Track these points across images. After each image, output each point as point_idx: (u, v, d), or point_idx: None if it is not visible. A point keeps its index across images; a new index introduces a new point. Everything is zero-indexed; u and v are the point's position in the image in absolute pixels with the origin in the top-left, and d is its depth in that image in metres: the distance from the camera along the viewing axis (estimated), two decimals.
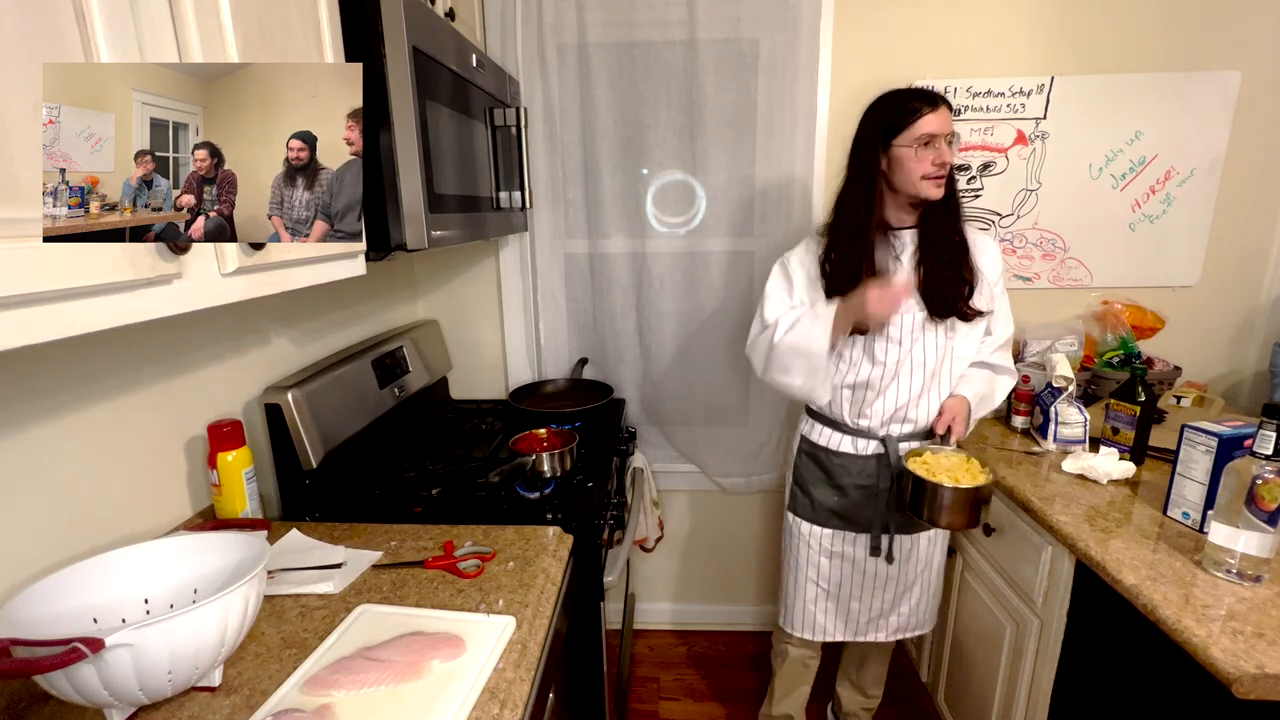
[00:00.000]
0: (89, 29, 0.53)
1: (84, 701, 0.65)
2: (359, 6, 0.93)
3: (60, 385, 0.86)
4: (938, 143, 1.22)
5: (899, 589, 1.46)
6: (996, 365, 1.40)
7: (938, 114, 1.23)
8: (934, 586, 1.49)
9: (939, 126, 1.22)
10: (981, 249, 1.35)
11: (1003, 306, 1.39)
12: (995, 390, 1.40)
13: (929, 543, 1.43)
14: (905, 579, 1.45)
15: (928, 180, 1.24)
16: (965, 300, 1.30)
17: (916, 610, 1.49)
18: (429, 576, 0.99)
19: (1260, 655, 0.82)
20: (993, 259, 1.36)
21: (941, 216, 1.29)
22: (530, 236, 1.90)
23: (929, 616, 1.51)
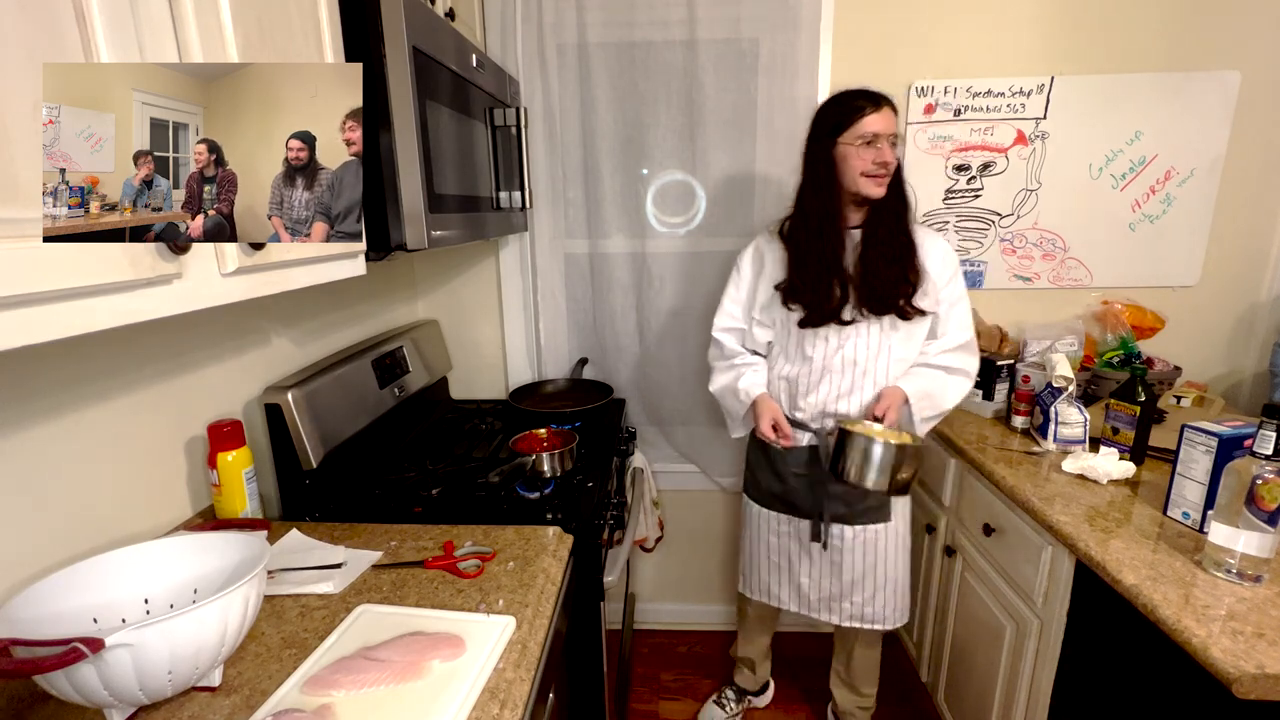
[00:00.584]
0: (89, 29, 0.53)
1: (84, 701, 0.65)
2: (359, 6, 0.93)
3: (60, 385, 0.86)
4: (879, 142, 1.26)
5: (848, 578, 1.49)
6: (950, 367, 1.40)
7: (880, 114, 1.27)
8: (894, 582, 1.49)
9: (881, 126, 1.26)
10: (930, 249, 1.36)
11: (959, 311, 1.40)
12: (943, 390, 1.39)
13: (878, 536, 1.45)
14: (853, 569, 1.48)
15: (868, 178, 1.28)
16: (907, 300, 1.33)
17: (872, 602, 1.49)
18: (429, 576, 0.99)
19: (1260, 655, 0.82)
20: (941, 260, 1.37)
21: (888, 216, 1.32)
22: (530, 236, 1.89)
23: (893, 613, 1.51)
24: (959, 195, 1.86)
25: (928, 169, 1.84)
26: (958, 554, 1.57)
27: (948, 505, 1.64)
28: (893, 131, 1.27)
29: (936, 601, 1.70)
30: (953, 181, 1.85)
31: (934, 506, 1.72)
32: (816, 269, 1.34)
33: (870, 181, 1.28)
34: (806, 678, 2.01)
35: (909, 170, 1.84)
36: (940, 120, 1.81)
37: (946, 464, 1.64)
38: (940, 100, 1.79)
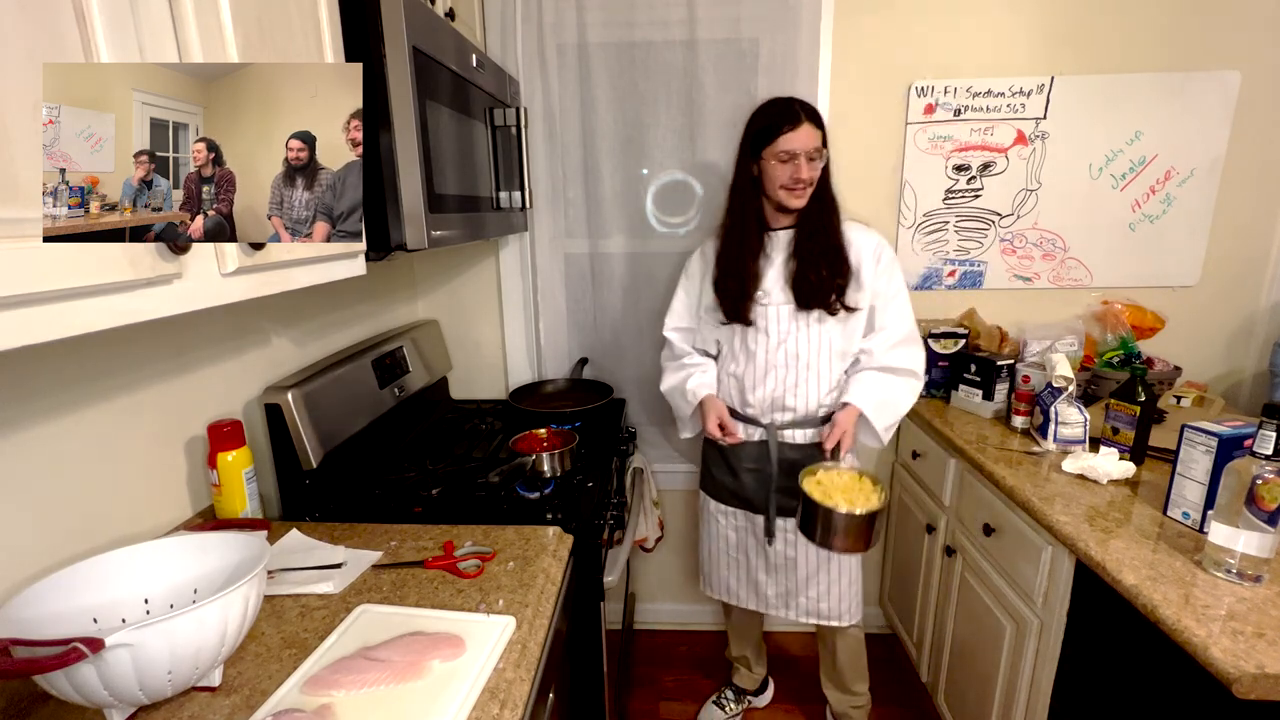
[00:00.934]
0: (89, 29, 0.53)
1: (84, 701, 0.65)
2: (359, 6, 0.93)
3: (60, 385, 0.86)
4: (797, 159, 1.32)
5: (802, 573, 1.52)
6: (894, 367, 1.42)
7: (798, 132, 1.31)
8: (848, 576, 1.52)
9: (799, 144, 1.31)
10: (861, 245, 1.41)
11: (895, 304, 1.43)
12: (896, 394, 1.43)
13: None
14: (807, 564, 1.51)
15: (786, 190, 1.35)
16: (836, 296, 1.38)
17: (827, 596, 1.52)
18: (429, 576, 0.99)
19: (1260, 655, 0.82)
20: (872, 255, 1.41)
21: (813, 221, 1.39)
22: (530, 236, 1.90)
23: (847, 609, 1.53)
24: (959, 195, 1.86)
25: (928, 169, 1.84)
26: (958, 554, 1.57)
27: (948, 505, 1.64)
28: (813, 147, 1.32)
29: (936, 601, 1.70)
30: (953, 181, 1.85)
31: (934, 506, 1.72)
32: (736, 269, 1.43)
33: (789, 194, 1.35)
34: (808, 677, 2.00)
35: (909, 170, 1.84)
36: (940, 120, 1.81)
37: (946, 464, 1.64)
38: (940, 100, 1.79)
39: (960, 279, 1.93)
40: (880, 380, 1.42)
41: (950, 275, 1.93)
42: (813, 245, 1.38)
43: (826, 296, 1.38)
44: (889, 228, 1.90)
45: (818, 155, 1.34)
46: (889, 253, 1.43)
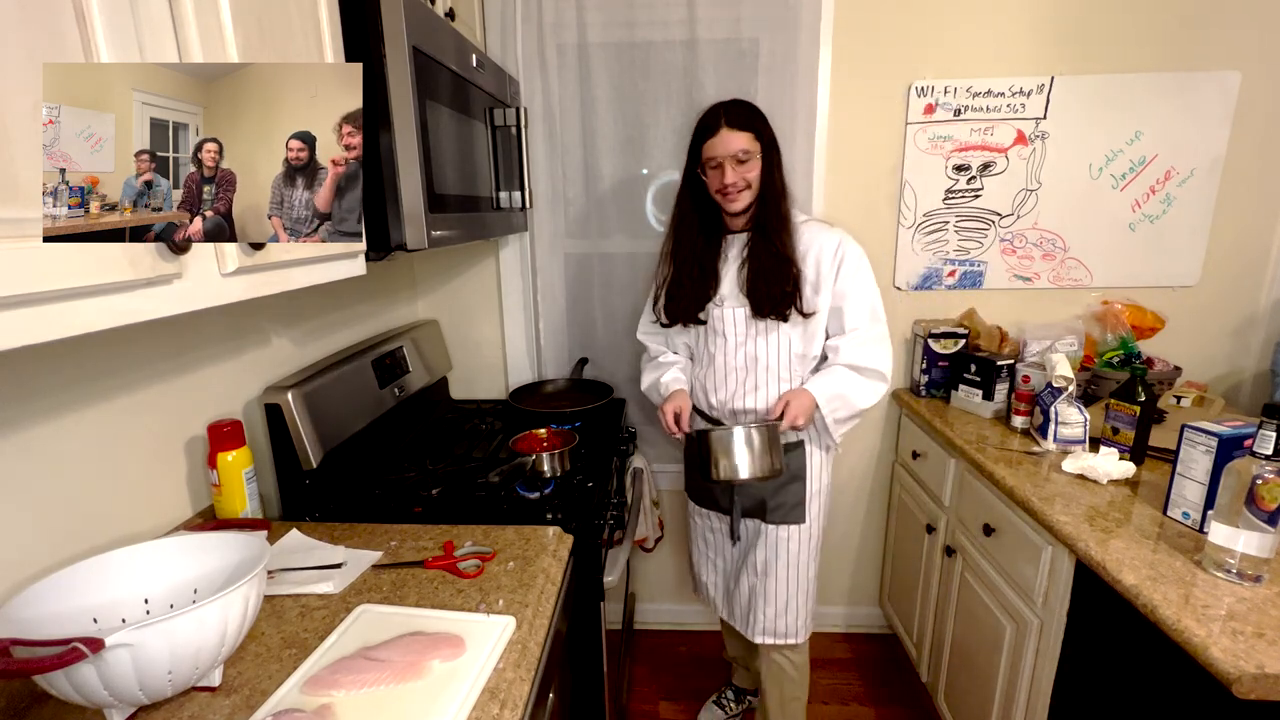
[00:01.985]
0: (89, 29, 0.53)
1: (84, 701, 0.65)
2: (359, 6, 0.93)
3: (60, 385, 0.86)
4: (721, 165, 1.31)
5: (760, 579, 1.49)
6: (858, 365, 1.38)
7: (718, 138, 1.31)
8: (801, 591, 1.50)
9: (719, 150, 1.31)
10: (819, 246, 1.38)
11: (854, 303, 1.38)
12: (854, 389, 1.38)
13: (790, 537, 1.46)
14: (766, 565, 1.48)
15: (719, 195, 1.35)
16: (789, 304, 1.36)
17: (785, 614, 1.50)
18: (429, 576, 0.99)
19: (1260, 655, 0.82)
20: (832, 256, 1.37)
21: (766, 223, 1.36)
22: (530, 236, 1.90)
23: (799, 626, 1.51)
24: (959, 195, 1.86)
25: (928, 169, 1.84)
26: (958, 554, 1.57)
27: (948, 505, 1.64)
28: (736, 150, 1.30)
29: (936, 601, 1.70)
30: (953, 181, 1.85)
31: (934, 506, 1.72)
32: (677, 273, 1.45)
33: (723, 198, 1.35)
34: None
35: (909, 170, 1.84)
36: (940, 120, 1.81)
37: (946, 464, 1.64)
38: (940, 100, 1.79)
39: (960, 279, 1.93)
40: (839, 374, 1.39)
41: (950, 275, 1.93)
42: (761, 252, 1.36)
43: (779, 304, 1.35)
44: (889, 228, 1.90)
45: (746, 157, 1.31)
46: (852, 250, 1.38)
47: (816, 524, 1.49)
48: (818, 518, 1.49)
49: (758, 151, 1.32)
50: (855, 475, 2.09)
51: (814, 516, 1.48)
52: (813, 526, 1.48)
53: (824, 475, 1.49)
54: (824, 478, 1.49)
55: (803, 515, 1.46)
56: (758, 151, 1.32)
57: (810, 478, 1.46)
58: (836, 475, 2.08)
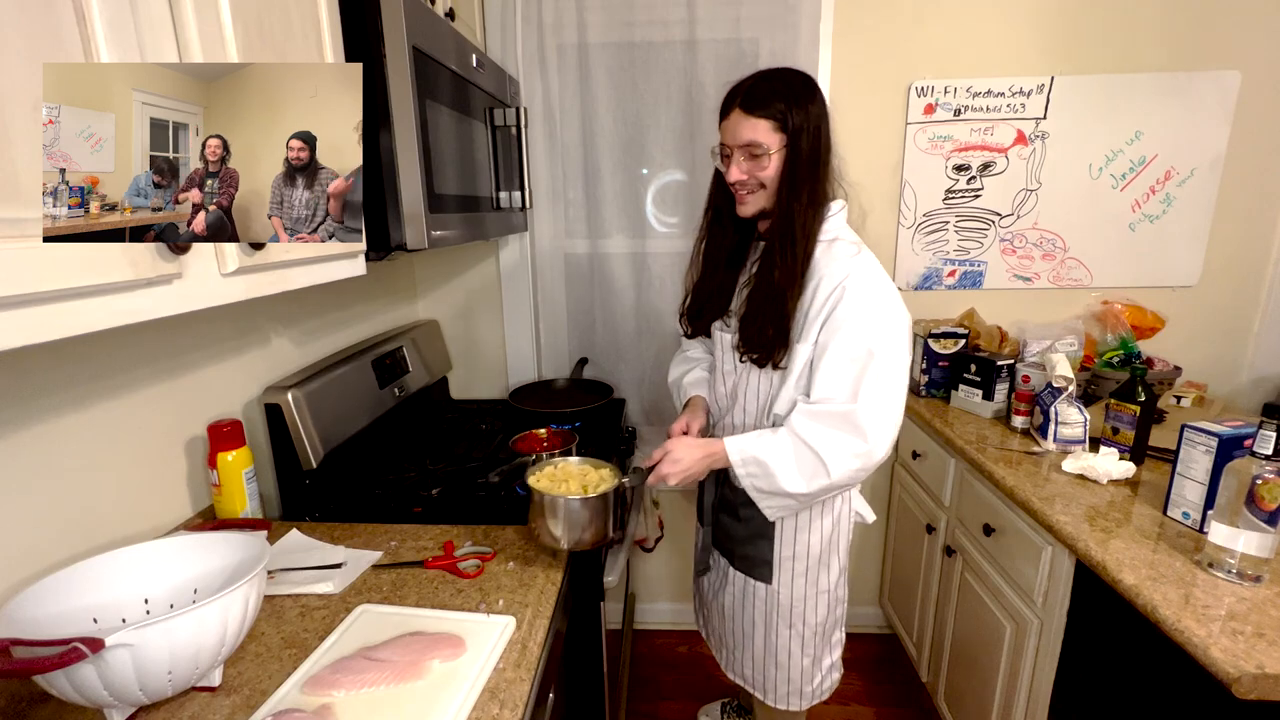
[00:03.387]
0: (89, 29, 0.53)
1: (84, 701, 0.65)
2: (359, 6, 0.93)
3: (60, 385, 0.86)
4: (731, 154, 1.06)
5: (730, 625, 1.32)
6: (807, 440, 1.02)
7: (729, 121, 1.05)
8: (772, 659, 1.26)
9: (728, 137, 1.05)
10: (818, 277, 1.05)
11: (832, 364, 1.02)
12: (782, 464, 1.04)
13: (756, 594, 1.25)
14: (732, 610, 1.31)
15: (734, 191, 1.09)
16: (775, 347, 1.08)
17: (755, 668, 1.30)
18: (429, 576, 0.99)
19: (1260, 655, 0.82)
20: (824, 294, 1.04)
21: (776, 239, 1.06)
22: (530, 236, 1.90)
23: (780, 689, 1.28)
24: (959, 195, 1.86)
25: (928, 169, 1.84)
26: (958, 554, 1.57)
27: (948, 505, 1.64)
28: (746, 141, 1.02)
29: (936, 601, 1.70)
30: (953, 181, 1.85)
31: (934, 506, 1.72)
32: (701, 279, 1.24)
33: (736, 199, 1.10)
34: None
35: (909, 170, 1.84)
36: (940, 120, 1.81)
37: (946, 464, 1.64)
38: (940, 100, 1.79)
39: (960, 279, 1.93)
40: (782, 441, 1.05)
41: (950, 275, 1.93)
42: (764, 277, 1.08)
43: (766, 347, 1.08)
44: (889, 228, 1.90)
45: (759, 152, 1.02)
46: (850, 298, 1.02)
47: (789, 589, 1.21)
48: (790, 583, 1.21)
49: (775, 146, 1.02)
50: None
51: (784, 579, 1.21)
52: (782, 590, 1.21)
53: (805, 539, 1.19)
54: (805, 541, 1.19)
55: (768, 575, 1.22)
56: (775, 146, 1.02)
57: (780, 539, 1.19)
58: None
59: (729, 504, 1.25)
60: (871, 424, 1.01)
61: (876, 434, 1.01)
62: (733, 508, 1.24)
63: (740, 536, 1.24)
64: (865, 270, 1.05)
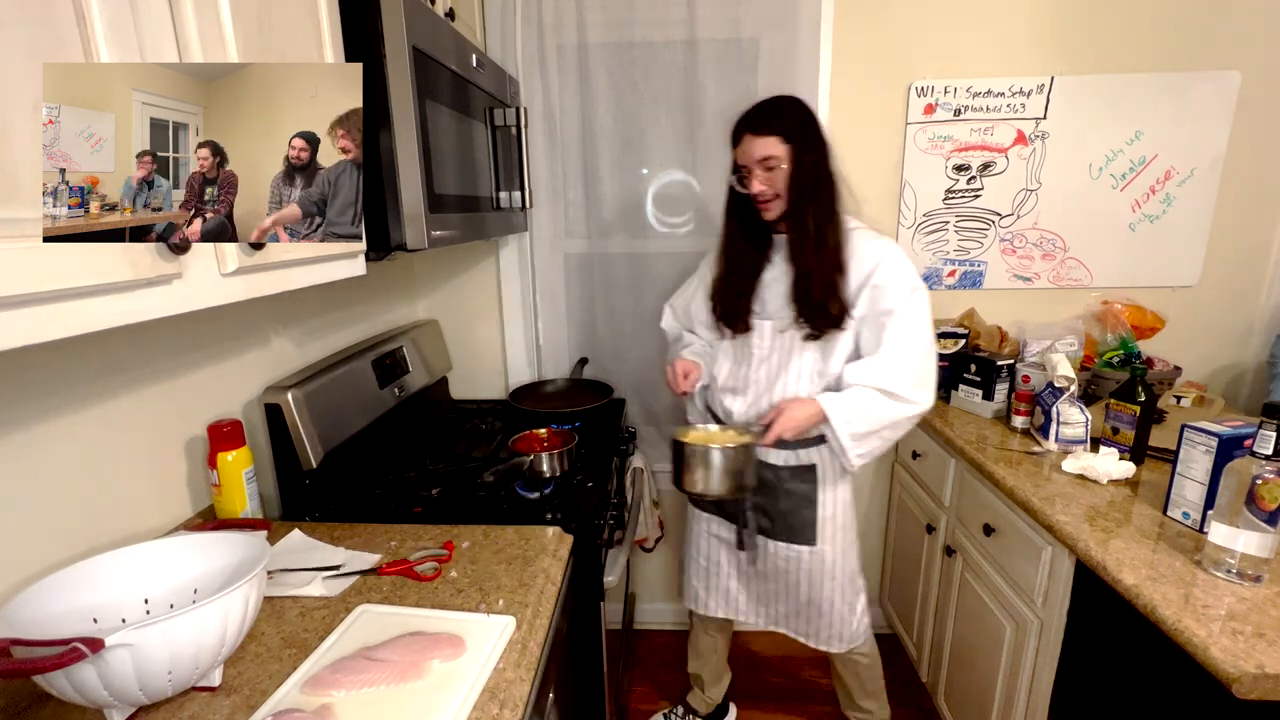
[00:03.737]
0: (89, 29, 0.53)
1: (84, 701, 0.65)
2: (359, 6, 0.93)
3: (60, 385, 0.86)
4: (746, 172, 1.26)
5: (772, 587, 1.48)
6: (889, 391, 1.25)
7: (742, 146, 1.25)
8: (826, 607, 1.44)
9: (745, 159, 1.25)
10: (859, 257, 1.26)
11: (892, 324, 1.25)
12: (876, 409, 1.26)
13: (801, 558, 1.41)
14: (777, 581, 1.46)
15: (757, 203, 1.28)
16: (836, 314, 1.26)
17: (798, 618, 1.48)
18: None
19: (1260, 655, 0.82)
20: (864, 272, 1.25)
21: (803, 225, 1.25)
22: (530, 236, 1.90)
23: (824, 634, 1.46)
24: (959, 195, 1.86)
25: (928, 169, 1.84)
26: (958, 554, 1.57)
27: (948, 505, 1.64)
28: (762, 156, 1.22)
29: (936, 601, 1.70)
30: (953, 181, 1.85)
31: (934, 506, 1.72)
32: (734, 280, 1.38)
33: (758, 208, 1.29)
34: (792, 680, 2.00)
35: (909, 170, 1.84)
36: (940, 120, 1.81)
37: (946, 464, 1.64)
38: (940, 100, 1.79)
39: (960, 279, 1.93)
40: (863, 392, 1.26)
41: (950, 275, 1.93)
42: (801, 257, 1.27)
43: (826, 315, 1.26)
44: (889, 228, 1.90)
45: (774, 164, 1.22)
46: (891, 269, 1.25)
47: (831, 545, 1.41)
48: (832, 539, 1.41)
49: (786, 156, 1.22)
50: (855, 475, 2.08)
51: (826, 537, 1.40)
52: (825, 547, 1.40)
53: (838, 496, 1.41)
54: (838, 498, 1.41)
55: (813, 538, 1.40)
56: (786, 156, 1.22)
57: (821, 502, 1.39)
58: None
59: (766, 484, 1.39)
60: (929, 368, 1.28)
61: (931, 374, 1.29)
62: (773, 487, 1.40)
63: (784, 510, 1.40)
64: (893, 249, 1.28)
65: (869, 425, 1.27)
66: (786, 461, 1.38)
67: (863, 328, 1.28)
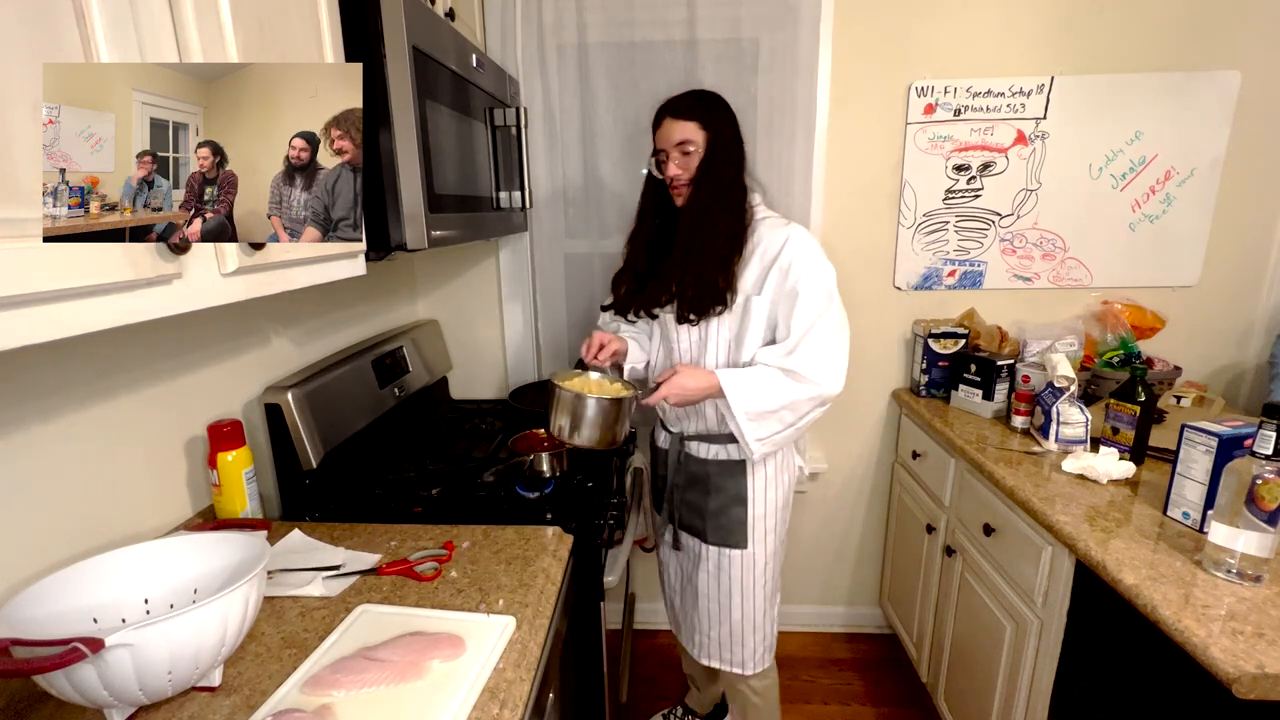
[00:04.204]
0: (89, 29, 0.53)
1: (84, 701, 0.65)
2: (359, 6, 0.93)
3: (60, 385, 0.86)
4: (663, 156, 1.27)
5: (704, 600, 1.42)
6: (790, 369, 1.22)
7: (661, 130, 1.27)
8: (749, 621, 1.40)
9: (662, 142, 1.27)
10: (765, 242, 1.26)
11: (798, 308, 1.22)
12: (774, 387, 1.22)
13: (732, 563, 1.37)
14: (708, 587, 1.41)
15: (671, 188, 1.29)
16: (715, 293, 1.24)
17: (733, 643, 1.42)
18: None
19: (1260, 655, 0.82)
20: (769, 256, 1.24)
21: (698, 205, 1.25)
22: (530, 236, 1.90)
23: (751, 656, 1.42)
24: (959, 195, 1.86)
25: (928, 169, 1.84)
26: (958, 554, 1.57)
27: (948, 505, 1.64)
28: (680, 140, 1.23)
29: (936, 601, 1.70)
30: (953, 181, 1.85)
31: (934, 506, 1.72)
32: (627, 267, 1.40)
33: (672, 193, 1.30)
34: (797, 680, 2.00)
35: (909, 170, 1.84)
36: (940, 120, 1.81)
37: (946, 464, 1.64)
38: (940, 100, 1.79)
39: (960, 279, 1.93)
40: (763, 371, 1.23)
41: (950, 275, 1.93)
42: (689, 234, 1.25)
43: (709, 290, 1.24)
44: (889, 228, 1.90)
45: (691, 149, 1.23)
46: (796, 249, 1.23)
47: (763, 547, 1.37)
48: (764, 541, 1.37)
49: (702, 143, 1.23)
50: (855, 475, 2.09)
51: (758, 539, 1.37)
52: (757, 550, 1.37)
53: (771, 496, 1.37)
54: (771, 499, 1.37)
55: (744, 540, 1.36)
56: (702, 143, 1.23)
57: (752, 500, 1.35)
58: (836, 476, 2.08)
59: (698, 480, 1.39)
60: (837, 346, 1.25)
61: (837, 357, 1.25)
62: (703, 483, 1.38)
63: (713, 509, 1.37)
64: (800, 231, 1.27)
65: (765, 404, 1.23)
66: (716, 456, 1.37)
67: (776, 312, 1.26)
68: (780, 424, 1.26)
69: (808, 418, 1.27)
